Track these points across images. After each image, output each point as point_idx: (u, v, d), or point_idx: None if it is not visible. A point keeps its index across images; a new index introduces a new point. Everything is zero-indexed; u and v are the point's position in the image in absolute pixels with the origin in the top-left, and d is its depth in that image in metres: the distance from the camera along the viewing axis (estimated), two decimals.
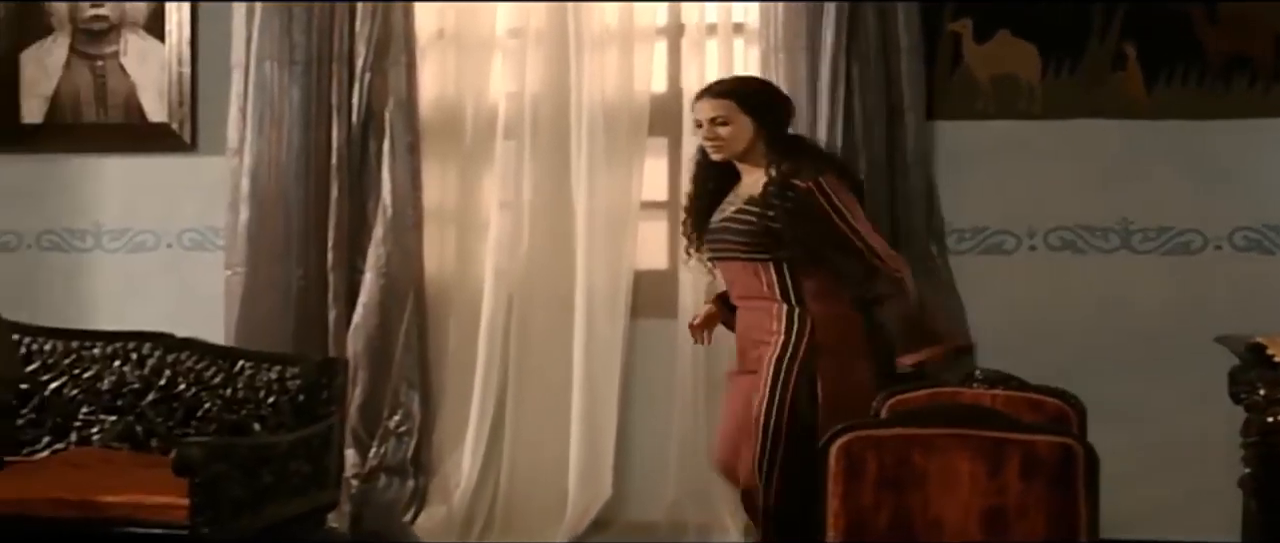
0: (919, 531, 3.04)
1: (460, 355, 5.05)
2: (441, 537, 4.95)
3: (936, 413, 3.13)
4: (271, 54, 5.00)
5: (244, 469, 3.91)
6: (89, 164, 5.40)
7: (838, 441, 3.07)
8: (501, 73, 5.07)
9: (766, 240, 4.00)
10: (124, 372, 4.58)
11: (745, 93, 4.15)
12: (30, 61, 5.41)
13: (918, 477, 3.04)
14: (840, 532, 3.06)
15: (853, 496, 3.05)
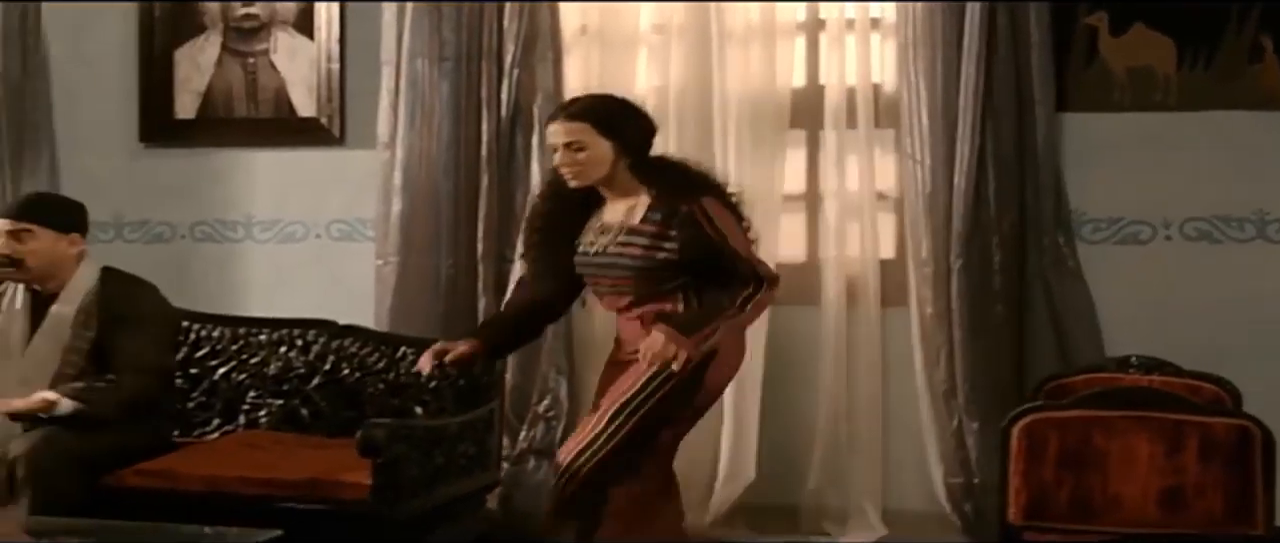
0: (1098, 509, 3.16)
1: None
2: None
3: (1116, 396, 3.24)
4: (423, 51, 5.15)
5: (420, 450, 4.06)
6: (240, 158, 5.59)
7: (1020, 422, 3.19)
8: (645, 68, 5.19)
9: (665, 273, 3.73)
10: (289, 357, 4.75)
11: (602, 114, 3.81)
12: (184, 59, 5.60)
13: (1098, 457, 3.15)
14: (1021, 507, 3.18)
15: (1034, 473, 3.17)
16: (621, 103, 3.95)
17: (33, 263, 4.23)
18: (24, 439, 3.97)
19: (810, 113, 5.13)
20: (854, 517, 5.06)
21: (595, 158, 3.78)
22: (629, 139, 3.81)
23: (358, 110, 5.42)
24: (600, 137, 3.77)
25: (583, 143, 3.76)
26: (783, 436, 5.16)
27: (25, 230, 4.23)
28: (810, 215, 5.22)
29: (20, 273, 4.24)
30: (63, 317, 4.25)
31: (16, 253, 4.21)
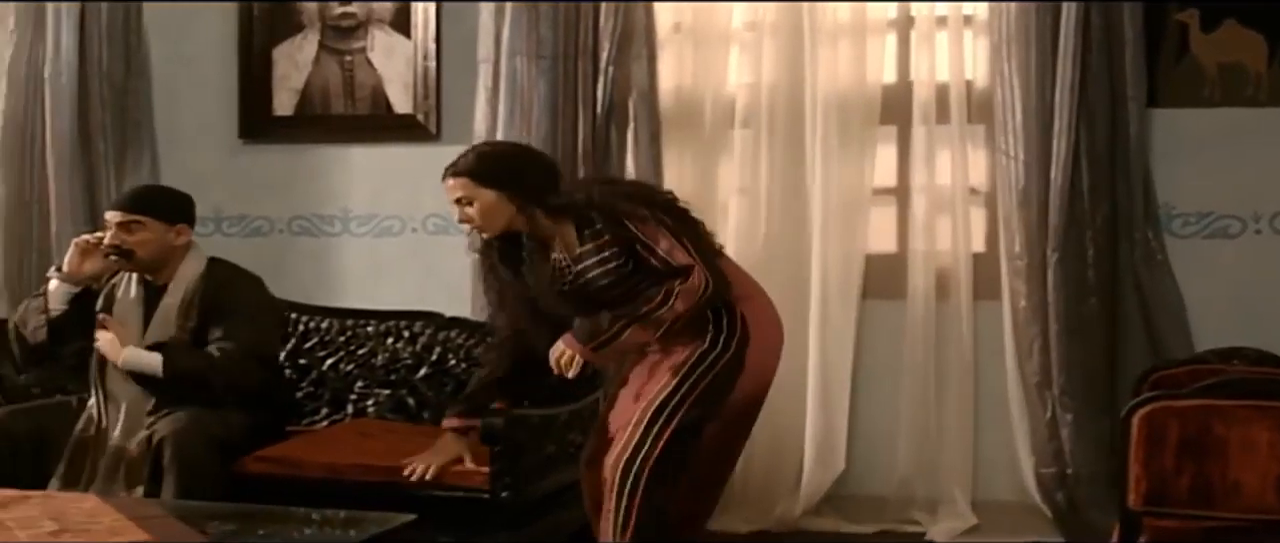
0: (1218, 496, 3.23)
1: None
2: None
3: (1236, 386, 3.31)
4: (520, 49, 5.25)
5: (535, 439, 4.17)
6: (337, 153, 5.71)
7: (1140, 411, 3.27)
8: (738, 64, 5.29)
9: (644, 283, 3.81)
10: (396, 348, 4.88)
11: (480, 168, 3.90)
12: (282, 57, 5.73)
13: (1217, 445, 3.22)
14: (1141, 495, 3.26)
15: (1154, 462, 3.24)
16: (506, 153, 4.05)
17: (142, 253, 4.36)
18: (169, 421, 4.10)
19: (900, 109, 5.21)
20: (943, 506, 5.14)
21: (486, 209, 3.88)
22: (520, 185, 3.87)
23: (453, 107, 5.53)
24: (483, 188, 3.88)
25: (468, 197, 3.89)
26: (872, 426, 5.25)
27: (135, 222, 4.36)
28: (899, 210, 5.30)
29: (131, 263, 4.38)
30: (170, 307, 4.38)
31: (126, 244, 4.35)
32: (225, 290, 4.39)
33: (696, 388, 3.82)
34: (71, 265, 4.36)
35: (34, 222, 5.77)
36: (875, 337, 5.25)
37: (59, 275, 4.37)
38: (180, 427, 4.09)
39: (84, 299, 4.38)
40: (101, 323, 4.30)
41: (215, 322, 4.33)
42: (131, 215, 4.35)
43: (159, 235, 4.37)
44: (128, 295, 4.44)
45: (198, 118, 5.82)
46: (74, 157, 5.67)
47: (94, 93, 5.67)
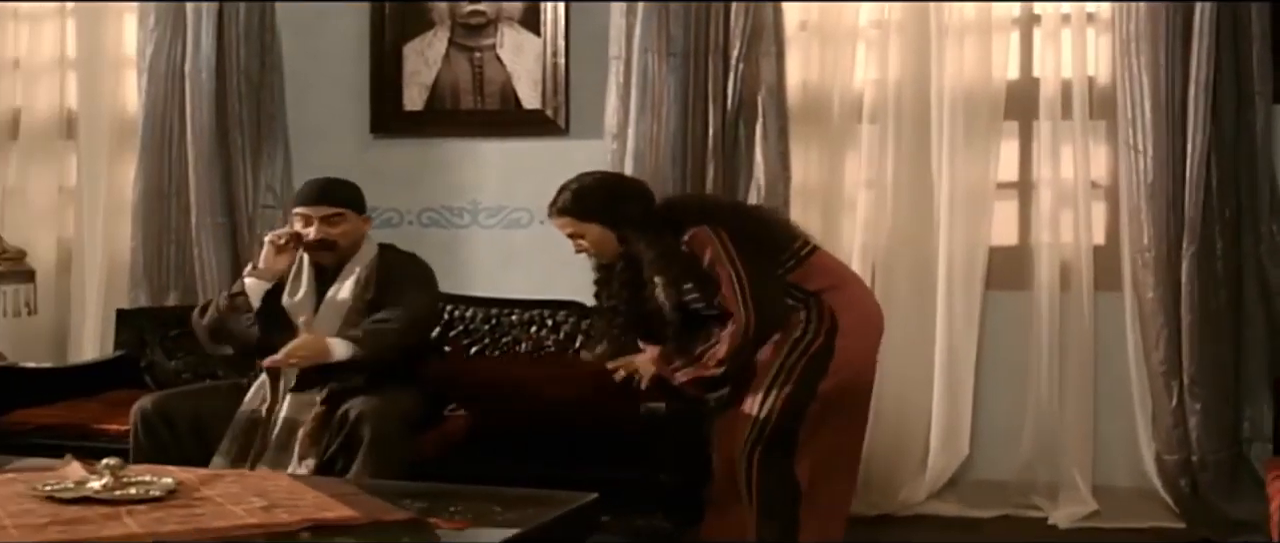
0: None
1: None
2: None
3: None
4: (651, 47, 5.40)
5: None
6: (466, 147, 5.88)
7: None
8: (864, 61, 5.42)
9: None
10: (539, 336, 5.04)
11: (579, 206, 4.31)
12: (412, 54, 5.90)
13: None
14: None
15: None
16: (599, 186, 4.39)
17: (344, 244, 4.55)
18: (364, 401, 4.26)
19: (1024, 105, 5.34)
20: (1064, 492, 5.28)
21: (595, 241, 4.32)
22: (615, 215, 4.27)
23: (581, 102, 5.69)
24: (586, 223, 4.30)
25: (577, 232, 4.32)
26: (995, 413, 5.39)
27: (337, 214, 4.55)
28: (1022, 203, 5.42)
29: (332, 255, 4.56)
30: (342, 296, 4.55)
31: (330, 236, 4.53)
32: (398, 268, 4.60)
33: (791, 375, 4.14)
34: (267, 262, 4.54)
35: (171, 214, 5.96)
36: (998, 326, 5.38)
37: (255, 273, 4.54)
38: (377, 407, 4.25)
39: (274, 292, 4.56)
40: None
41: (390, 293, 4.52)
42: (333, 209, 4.53)
43: (355, 226, 4.57)
44: (297, 284, 4.61)
45: (329, 113, 5.99)
46: (212, 150, 5.86)
47: (232, 89, 5.85)
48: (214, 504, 3.46)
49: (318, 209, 4.56)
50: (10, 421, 4.91)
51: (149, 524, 3.25)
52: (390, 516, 3.40)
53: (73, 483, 3.56)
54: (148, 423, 4.37)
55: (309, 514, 3.37)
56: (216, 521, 3.31)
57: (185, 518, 3.31)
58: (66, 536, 3.16)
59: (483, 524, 3.38)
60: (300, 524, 3.30)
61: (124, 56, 6.21)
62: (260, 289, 4.55)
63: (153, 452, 4.23)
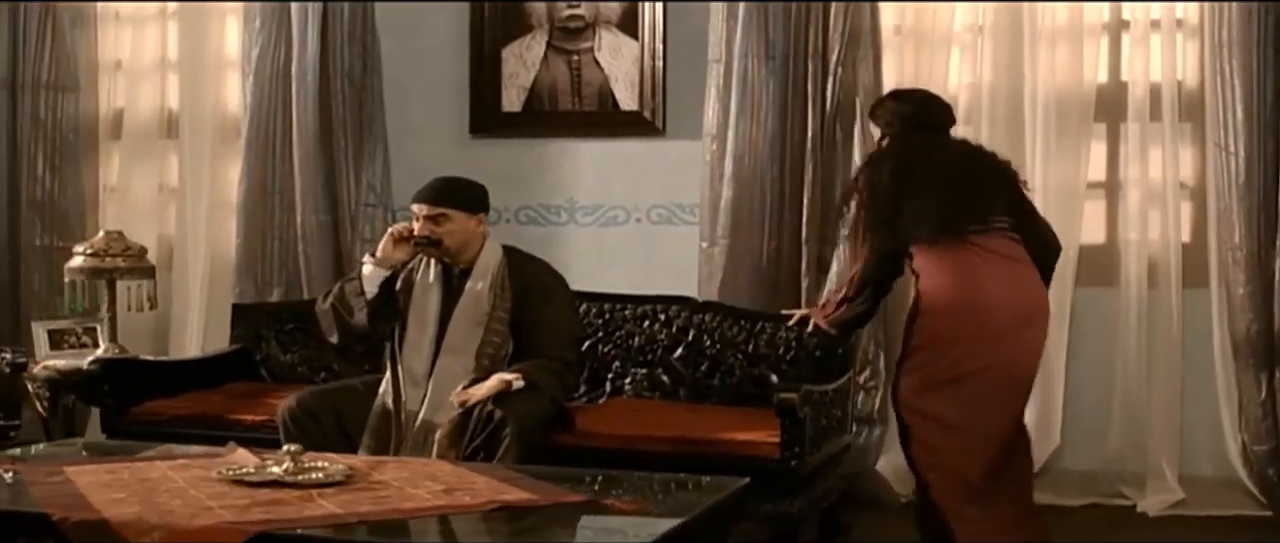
0: None
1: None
2: (901, 482, 5.54)
3: None
4: (751, 50, 5.58)
5: (816, 412, 4.51)
6: (564, 147, 6.05)
7: None
8: (958, 65, 5.60)
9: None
10: (652, 330, 5.21)
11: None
12: (511, 57, 6.07)
13: None
14: None
15: None
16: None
17: (450, 242, 4.70)
18: (510, 405, 4.42)
19: (1113, 107, 5.52)
20: (1152, 481, 5.46)
21: None
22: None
23: (678, 103, 5.87)
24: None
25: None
26: (1084, 405, 5.58)
27: (442, 214, 4.70)
28: (1109, 202, 5.61)
29: (439, 251, 4.72)
30: (478, 292, 4.71)
31: (435, 234, 4.69)
32: (533, 278, 4.74)
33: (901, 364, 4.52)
34: (384, 252, 4.69)
35: (275, 211, 6.14)
36: (1087, 321, 5.57)
37: (373, 261, 4.71)
38: (520, 408, 4.41)
39: (390, 282, 4.72)
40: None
41: (531, 308, 4.68)
42: (438, 208, 4.69)
43: (463, 225, 4.71)
44: (425, 279, 4.78)
45: (427, 113, 6.16)
46: (316, 150, 6.03)
47: (335, 90, 6.03)
48: (393, 488, 3.64)
49: (425, 208, 4.73)
50: (143, 411, 5.07)
51: (345, 505, 3.43)
52: (567, 498, 3.58)
53: (253, 468, 3.74)
54: (295, 419, 4.53)
55: (492, 496, 3.56)
56: (405, 502, 3.50)
57: (375, 500, 3.50)
58: (271, 515, 3.35)
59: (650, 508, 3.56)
60: (486, 506, 3.49)
61: (226, 58, 6.39)
62: (377, 277, 4.70)
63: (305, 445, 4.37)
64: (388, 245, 4.71)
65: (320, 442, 4.42)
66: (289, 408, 4.56)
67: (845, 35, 5.51)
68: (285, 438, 4.47)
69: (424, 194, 4.77)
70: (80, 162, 6.51)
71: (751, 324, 5.14)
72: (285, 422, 4.54)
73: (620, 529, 3.32)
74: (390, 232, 4.73)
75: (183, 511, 3.37)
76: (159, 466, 3.90)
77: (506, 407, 4.42)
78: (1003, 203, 4.49)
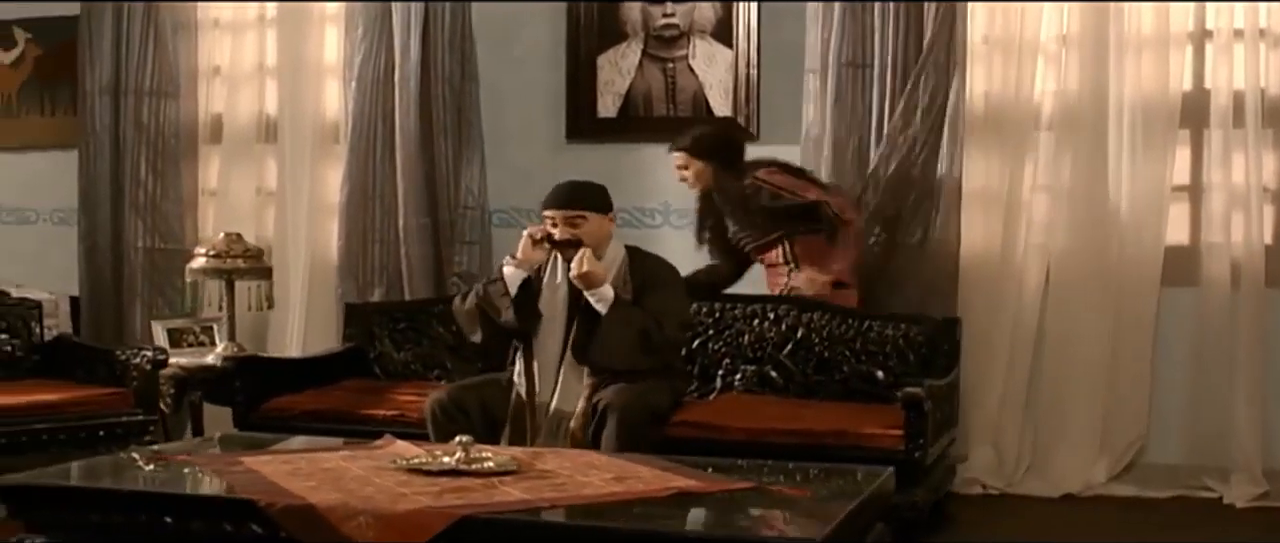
0: None
1: (998, 317, 5.80)
2: (988, 475, 5.76)
3: None
4: (845, 59, 5.79)
5: (936, 406, 4.72)
6: (658, 152, 6.20)
7: None
8: (1043, 73, 5.81)
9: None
10: (762, 329, 5.41)
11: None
12: (606, 64, 6.28)
13: None
14: None
15: None
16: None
17: (589, 242, 4.90)
18: (612, 391, 4.63)
19: (1197, 113, 5.73)
20: (1235, 474, 5.66)
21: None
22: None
23: (771, 109, 6.07)
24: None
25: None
26: (1169, 400, 5.78)
27: (580, 216, 4.90)
28: (1192, 206, 5.82)
29: (576, 251, 4.90)
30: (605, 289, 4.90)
31: (574, 235, 4.89)
32: (652, 272, 4.94)
33: None
34: (524, 254, 4.89)
35: (375, 214, 6.33)
36: (1172, 320, 5.77)
37: (513, 262, 4.90)
38: (624, 398, 4.62)
39: (528, 282, 4.92)
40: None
41: (648, 296, 4.87)
42: (576, 211, 4.89)
43: (598, 225, 4.92)
44: (553, 279, 4.97)
45: (524, 119, 6.36)
46: (418, 153, 6.22)
47: (437, 95, 6.22)
48: (565, 476, 3.83)
49: (562, 211, 4.92)
50: (272, 407, 5.26)
51: (530, 492, 3.63)
52: (734, 485, 3.77)
53: (427, 458, 3.93)
54: (445, 412, 4.73)
55: (663, 484, 3.75)
56: (583, 489, 3.68)
57: (555, 488, 3.69)
58: (464, 500, 3.54)
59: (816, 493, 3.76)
60: (662, 492, 3.67)
61: (325, 64, 6.57)
62: (517, 278, 4.91)
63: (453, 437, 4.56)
64: (527, 247, 4.90)
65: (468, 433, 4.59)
66: (438, 401, 4.76)
67: (933, 45, 5.70)
68: (434, 430, 4.69)
69: (559, 199, 4.96)
70: (181, 166, 6.70)
71: (859, 322, 5.34)
72: (434, 414, 4.73)
73: (800, 512, 3.50)
74: (527, 234, 4.92)
75: (380, 497, 3.55)
76: (329, 457, 4.09)
77: (612, 398, 4.62)
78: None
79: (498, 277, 4.95)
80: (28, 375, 5.48)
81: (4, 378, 5.39)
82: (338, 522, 3.44)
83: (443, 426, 4.66)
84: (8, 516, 3.89)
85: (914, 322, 5.30)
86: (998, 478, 5.77)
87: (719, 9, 6.14)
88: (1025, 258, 5.82)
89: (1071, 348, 5.79)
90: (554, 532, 3.36)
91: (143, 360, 5.11)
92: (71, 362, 5.48)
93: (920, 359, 5.22)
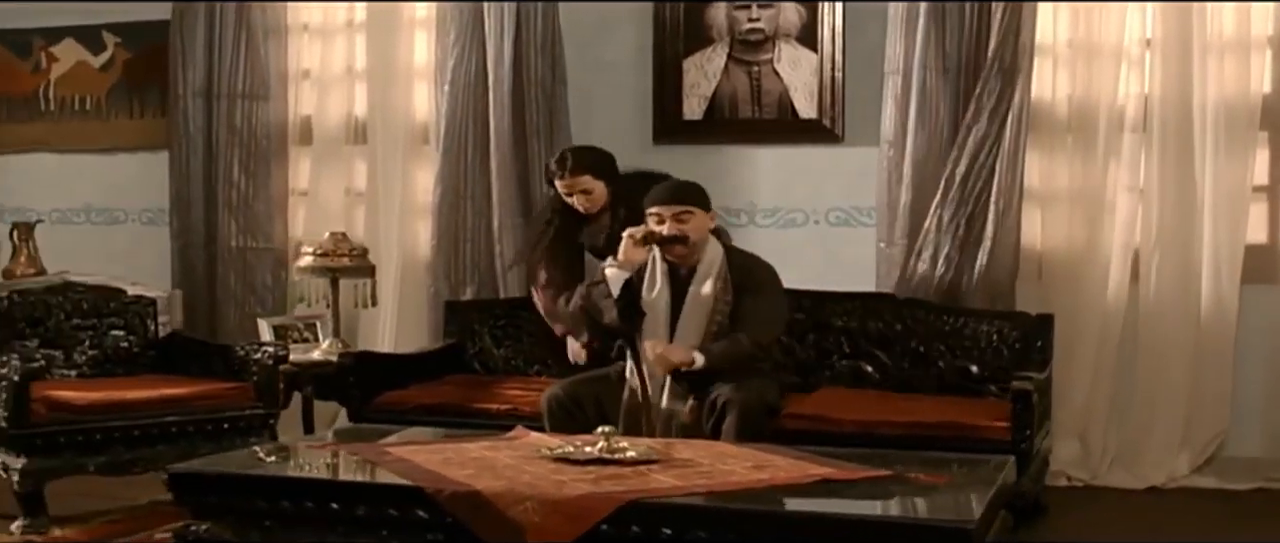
0: None
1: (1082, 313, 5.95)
2: (1073, 467, 5.92)
3: None
4: (927, 63, 5.93)
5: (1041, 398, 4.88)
6: (744, 153, 6.40)
7: None
8: (1126, 77, 5.96)
9: None
10: (860, 324, 5.58)
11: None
12: (692, 67, 6.43)
13: None
14: None
15: None
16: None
17: (695, 239, 5.06)
18: (730, 389, 4.79)
19: (1275, 115, 5.88)
20: None
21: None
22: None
23: (855, 111, 6.23)
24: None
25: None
26: (1250, 394, 5.93)
27: (686, 212, 5.05)
28: (1271, 205, 5.97)
29: (684, 248, 5.06)
30: (705, 288, 5.05)
31: (681, 231, 5.04)
32: (749, 273, 5.10)
33: None
34: (626, 255, 5.04)
35: (467, 215, 6.48)
36: (1252, 315, 5.92)
37: (615, 264, 5.05)
38: (741, 395, 4.78)
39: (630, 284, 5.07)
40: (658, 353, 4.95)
41: (748, 297, 5.04)
42: (682, 207, 5.04)
43: (702, 222, 5.07)
44: (653, 280, 5.11)
45: (610, 120, 6.51)
46: (511, 154, 6.38)
47: (530, 98, 6.38)
48: (707, 465, 3.98)
49: (669, 208, 5.07)
50: (384, 401, 5.42)
51: (682, 479, 3.79)
52: (873, 473, 3.93)
53: (572, 448, 4.09)
54: (562, 406, 4.91)
55: (803, 471, 3.91)
56: (730, 477, 3.84)
57: (703, 475, 3.85)
58: (621, 486, 3.69)
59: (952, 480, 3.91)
60: (805, 479, 3.83)
61: (414, 68, 6.73)
62: (620, 279, 5.06)
63: (570, 430, 4.72)
64: (629, 248, 5.05)
65: (584, 426, 4.76)
66: (555, 395, 4.92)
67: (1014, 49, 5.83)
68: (551, 423, 4.84)
69: (664, 196, 5.10)
70: (272, 167, 6.86)
71: (955, 319, 5.50)
72: (552, 408, 4.89)
73: (945, 499, 3.65)
74: (629, 235, 5.06)
75: (542, 483, 3.71)
76: (472, 447, 4.24)
77: (732, 394, 4.78)
78: None
79: (600, 279, 5.10)
80: (144, 371, 5.62)
81: (123, 374, 5.54)
82: (504, 507, 3.59)
83: (560, 418, 4.82)
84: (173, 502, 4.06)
85: (1008, 318, 5.46)
86: (1083, 470, 5.93)
87: (803, 13, 6.29)
88: (1111, 256, 5.96)
89: (1156, 344, 5.93)
90: (721, 516, 3.50)
91: (263, 356, 5.26)
92: (186, 357, 5.63)
93: (1014, 354, 5.38)
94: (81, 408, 4.93)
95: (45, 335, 5.46)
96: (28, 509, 4.81)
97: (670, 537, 3.50)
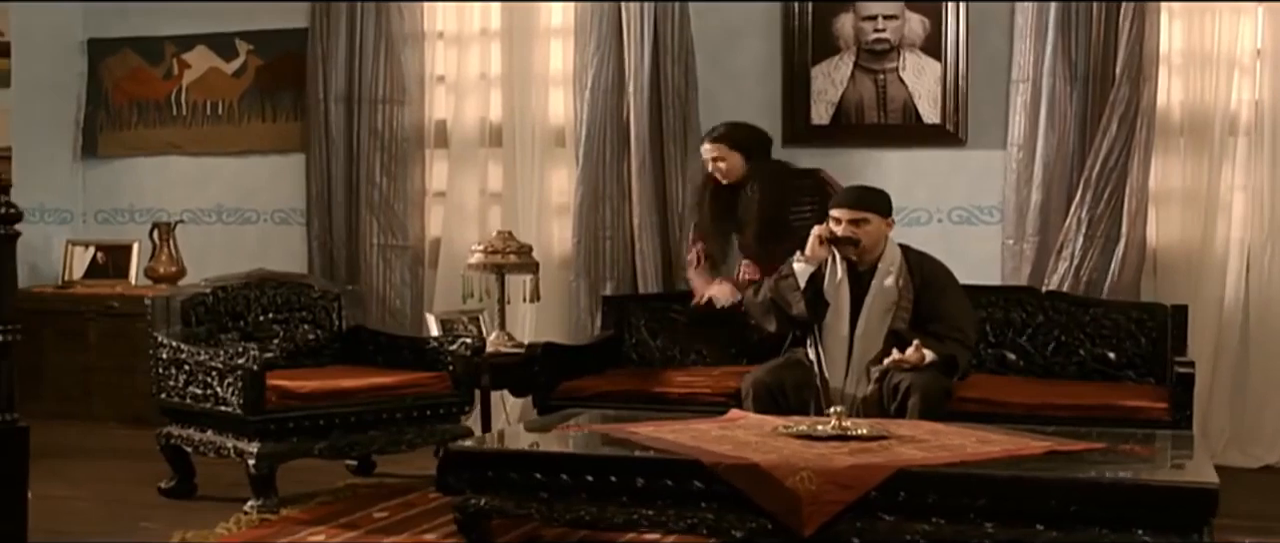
0: None
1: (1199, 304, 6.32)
2: None
3: None
4: (1055, 71, 6.34)
5: None
6: (869, 156, 6.77)
7: None
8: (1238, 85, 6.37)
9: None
10: (1005, 316, 5.96)
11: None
12: (819, 74, 6.81)
13: None
14: None
15: None
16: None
17: (868, 244, 5.44)
18: (915, 376, 5.16)
19: None
20: None
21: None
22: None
23: (979, 116, 6.62)
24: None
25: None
26: None
27: (863, 218, 5.43)
28: None
29: (858, 251, 5.43)
30: (887, 285, 5.44)
31: (854, 234, 5.42)
32: (930, 274, 5.49)
33: None
34: (811, 251, 5.42)
35: (606, 214, 6.84)
36: None
37: (802, 258, 5.43)
38: (923, 378, 5.16)
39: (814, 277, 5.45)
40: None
41: (933, 297, 5.43)
42: (860, 213, 5.42)
43: (878, 228, 5.45)
44: (834, 276, 5.49)
45: None
46: (650, 156, 6.74)
47: (666, 104, 6.74)
48: (935, 442, 4.34)
49: (849, 211, 5.45)
50: (566, 389, 5.75)
51: (926, 451, 4.15)
52: (1089, 445, 4.32)
53: (807, 426, 4.45)
54: (768, 390, 5.26)
55: (1026, 445, 4.29)
56: (965, 450, 4.21)
57: (943, 449, 4.22)
58: (868, 459, 4.05)
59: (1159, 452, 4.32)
60: (1042, 451, 4.19)
61: (550, 74, 7.08)
62: (805, 272, 5.44)
63: (773, 412, 5.09)
64: (814, 244, 5.43)
65: (785, 408, 5.14)
66: (758, 380, 5.28)
67: (1137, 58, 6.24)
68: (755, 405, 5.20)
69: (846, 200, 5.50)
70: (409, 168, 7.19)
71: (1095, 310, 5.90)
72: (758, 392, 5.25)
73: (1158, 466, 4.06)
74: (815, 233, 5.44)
75: (808, 455, 4.07)
76: (707, 427, 4.60)
77: (914, 378, 5.16)
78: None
79: (788, 272, 5.47)
80: (329, 362, 5.93)
81: (310, 364, 5.84)
82: (782, 477, 3.95)
83: (765, 402, 5.19)
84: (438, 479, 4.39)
85: (1145, 309, 5.87)
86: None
87: (927, 24, 6.68)
88: (1227, 251, 6.37)
89: (1268, 333, 6.35)
90: (987, 483, 3.87)
91: (460, 347, 5.59)
92: (371, 349, 5.95)
93: (1151, 343, 5.79)
94: (306, 396, 5.24)
95: (244, 329, 5.75)
96: (259, 491, 5.10)
97: (933, 503, 3.88)
